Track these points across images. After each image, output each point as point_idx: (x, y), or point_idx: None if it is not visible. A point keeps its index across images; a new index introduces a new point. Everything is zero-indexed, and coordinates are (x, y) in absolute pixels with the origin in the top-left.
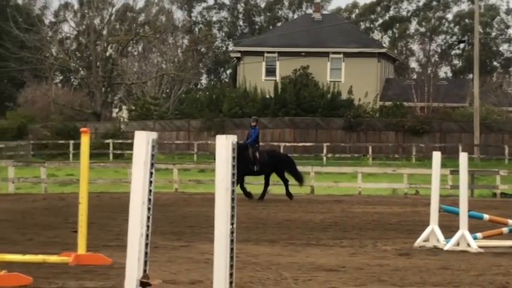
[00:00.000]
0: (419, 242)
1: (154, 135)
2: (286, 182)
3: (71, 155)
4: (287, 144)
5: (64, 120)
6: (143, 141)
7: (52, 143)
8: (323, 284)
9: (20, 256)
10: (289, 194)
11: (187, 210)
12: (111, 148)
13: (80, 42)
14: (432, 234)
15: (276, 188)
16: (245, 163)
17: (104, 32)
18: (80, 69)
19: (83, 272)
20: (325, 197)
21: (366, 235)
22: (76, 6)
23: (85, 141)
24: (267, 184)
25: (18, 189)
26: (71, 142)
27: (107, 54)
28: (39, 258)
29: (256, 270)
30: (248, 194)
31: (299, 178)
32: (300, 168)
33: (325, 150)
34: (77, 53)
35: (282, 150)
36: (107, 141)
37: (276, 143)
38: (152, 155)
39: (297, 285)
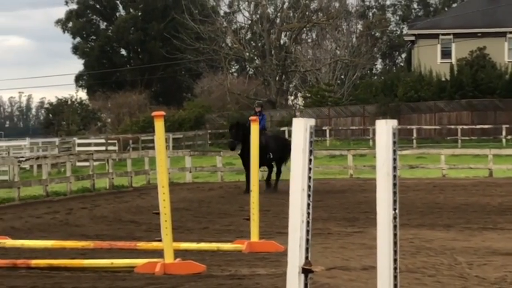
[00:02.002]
0: None
1: (312, 122)
2: (272, 169)
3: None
4: (464, 127)
5: (240, 109)
6: (301, 129)
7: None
8: (498, 269)
9: (195, 244)
10: (269, 182)
11: (362, 196)
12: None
13: (254, 31)
14: None
15: (454, 171)
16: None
17: (277, 21)
18: (255, 58)
19: (256, 259)
20: (504, 180)
21: None
22: None
23: (254, 129)
24: (279, 171)
25: (195, 178)
26: None
27: (281, 42)
28: (213, 246)
29: (430, 256)
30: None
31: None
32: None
33: (504, 132)
34: (251, 42)
35: (459, 134)
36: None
37: (453, 126)
38: (310, 142)
39: (471, 270)
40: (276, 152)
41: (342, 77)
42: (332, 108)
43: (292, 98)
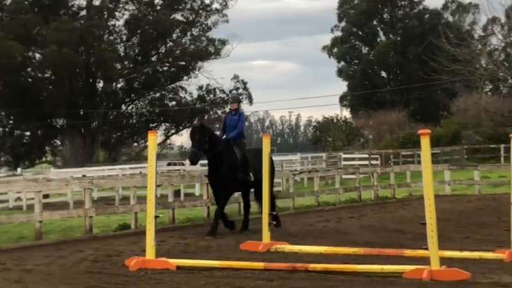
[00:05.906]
0: None
1: None
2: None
3: (502, 158)
4: None
5: (494, 126)
6: None
7: (484, 147)
8: None
9: (458, 252)
10: (247, 222)
11: None
12: None
13: (508, 52)
14: None
15: None
16: (233, 171)
17: None
18: (508, 77)
19: None
20: None
21: None
22: (503, 19)
23: None
24: (247, 205)
25: (453, 191)
26: (502, 146)
27: None
28: (475, 254)
29: None
30: (230, 223)
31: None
32: None
33: None
34: (504, 63)
35: None
36: None
37: None
38: None
39: None
40: (259, 174)
41: None
42: None
43: None
